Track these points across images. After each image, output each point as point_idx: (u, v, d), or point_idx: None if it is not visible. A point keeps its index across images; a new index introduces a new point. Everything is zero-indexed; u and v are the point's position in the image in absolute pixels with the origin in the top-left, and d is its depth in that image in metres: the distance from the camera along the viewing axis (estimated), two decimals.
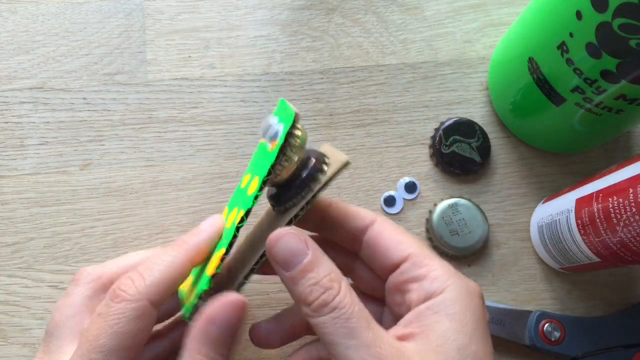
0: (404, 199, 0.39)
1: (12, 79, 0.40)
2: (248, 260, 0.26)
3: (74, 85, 0.40)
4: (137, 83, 0.40)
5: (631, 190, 0.28)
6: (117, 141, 0.39)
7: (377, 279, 0.28)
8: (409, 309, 0.25)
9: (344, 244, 0.29)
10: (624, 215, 0.28)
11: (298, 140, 0.25)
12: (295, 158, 0.25)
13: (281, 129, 0.25)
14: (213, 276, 0.25)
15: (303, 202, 0.25)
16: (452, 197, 0.38)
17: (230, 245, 0.25)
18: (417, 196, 0.39)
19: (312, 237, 0.25)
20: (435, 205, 0.37)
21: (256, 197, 0.25)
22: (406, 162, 0.39)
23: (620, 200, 0.29)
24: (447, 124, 0.39)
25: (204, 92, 0.40)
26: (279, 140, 0.24)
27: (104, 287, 0.28)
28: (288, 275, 0.23)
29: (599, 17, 0.26)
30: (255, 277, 0.37)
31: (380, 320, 0.27)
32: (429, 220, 0.38)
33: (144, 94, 0.40)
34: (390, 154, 0.40)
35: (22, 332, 0.36)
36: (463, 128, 0.39)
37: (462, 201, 0.37)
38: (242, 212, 0.25)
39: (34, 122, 0.40)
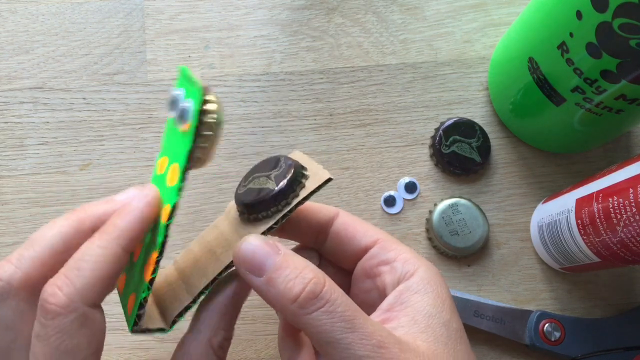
0: (404, 199, 0.39)
1: (12, 79, 0.40)
2: (209, 267, 0.24)
3: (74, 85, 0.40)
4: (137, 83, 0.40)
5: (631, 190, 0.28)
6: (117, 141, 0.39)
7: (341, 273, 0.28)
8: (382, 293, 0.25)
9: (306, 240, 0.28)
10: (624, 215, 0.28)
11: (214, 116, 0.22)
12: (214, 137, 0.22)
13: (191, 106, 0.21)
14: (151, 281, 0.22)
15: (279, 216, 0.24)
16: (452, 197, 0.38)
17: (163, 245, 0.22)
18: (417, 196, 0.39)
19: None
20: (435, 205, 0.37)
21: (180, 189, 0.22)
22: (406, 162, 0.39)
23: (621, 200, 0.29)
24: (447, 124, 0.39)
25: None
26: (192, 122, 0.21)
27: (38, 292, 0.22)
28: (263, 280, 0.21)
29: (599, 17, 0.26)
30: None
31: None
32: (429, 220, 0.38)
33: (144, 94, 0.40)
34: (390, 154, 0.40)
35: None
36: (463, 128, 0.39)
37: (462, 201, 0.37)
38: (168, 208, 0.22)
39: (33, 122, 0.40)
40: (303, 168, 0.26)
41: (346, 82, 0.41)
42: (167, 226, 0.22)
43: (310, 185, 0.25)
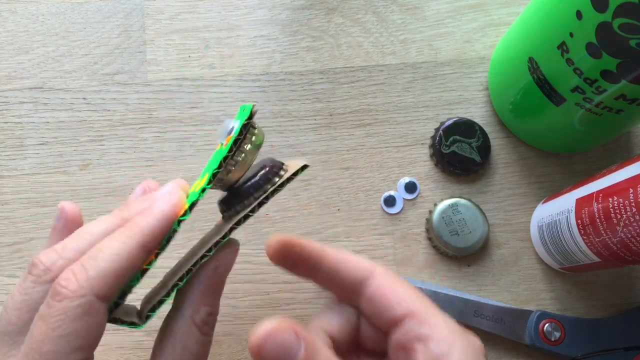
0: (404, 199, 0.39)
1: (12, 79, 0.40)
2: (186, 265, 0.24)
3: (74, 85, 0.40)
4: (137, 83, 0.40)
5: (631, 190, 0.28)
6: (117, 141, 0.39)
7: (380, 332, 0.26)
8: None
9: (342, 295, 0.26)
10: (624, 215, 0.28)
11: (254, 138, 0.23)
12: (250, 155, 0.23)
13: (237, 124, 0.23)
14: (144, 271, 0.22)
15: (255, 203, 0.24)
16: (452, 197, 0.38)
17: (168, 240, 0.23)
18: (417, 196, 0.39)
19: (308, 280, 0.24)
20: (435, 205, 0.37)
21: (204, 190, 0.23)
22: (406, 162, 0.39)
23: (621, 200, 0.29)
24: (447, 124, 0.39)
25: (204, 92, 0.40)
26: (234, 133, 0.23)
27: None
28: None
29: (599, 17, 0.26)
30: (255, 277, 0.38)
31: None
32: (429, 220, 0.38)
33: (143, 94, 0.40)
34: (390, 154, 0.40)
35: None
36: (463, 128, 0.39)
37: (462, 201, 0.37)
38: (185, 205, 0.23)
39: (33, 122, 0.40)
40: (282, 163, 0.25)
41: (346, 82, 0.41)
42: (178, 222, 0.22)
43: (286, 174, 0.24)
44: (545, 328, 0.35)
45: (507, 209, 0.39)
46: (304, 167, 0.25)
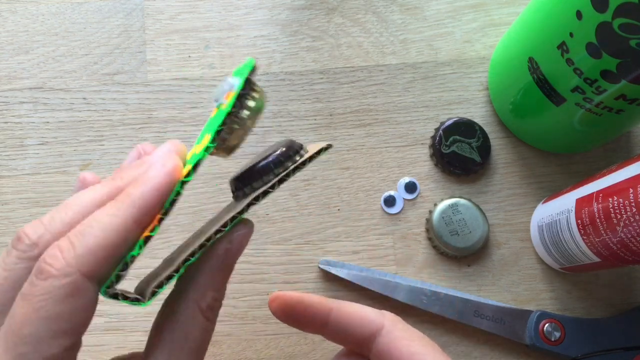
0: (404, 199, 0.39)
1: (12, 79, 0.40)
2: (196, 242, 0.22)
3: (74, 85, 0.40)
4: (137, 83, 0.40)
5: (631, 190, 0.28)
6: (117, 141, 0.39)
7: None
8: None
9: (352, 348, 0.26)
10: (624, 215, 0.28)
11: (255, 97, 0.22)
12: (253, 116, 0.22)
13: (238, 81, 0.22)
14: (147, 239, 0.20)
15: (275, 180, 0.22)
16: (452, 197, 0.38)
17: (172, 203, 0.21)
18: (417, 196, 0.39)
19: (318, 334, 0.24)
20: (435, 205, 0.37)
21: (207, 149, 0.21)
22: (406, 162, 0.39)
23: (621, 200, 0.29)
24: (447, 124, 0.39)
25: (204, 92, 0.40)
26: (236, 89, 0.21)
27: None
28: None
29: (599, 17, 0.26)
30: (255, 277, 0.38)
31: None
32: (429, 220, 0.38)
33: (143, 94, 0.40)
34: (390, 154, 0.40)
35: None
36: (463, 128, 0.39)
37: (462, 201, 0.37)
38: (189, 166, 0.21)
39: (34, 122, 0.40)
40: (301, 144, 0.24)
41: (346, 82, 0.41)
42: (182, 183, 0.20)
43: (307, 154, 0.23)
44: (545, 328, 0.35)
45: (507, 209, 0.39)
46: (328, 146, 0.23)
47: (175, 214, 0.38)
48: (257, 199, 0.22)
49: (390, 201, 0.39)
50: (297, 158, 0.23)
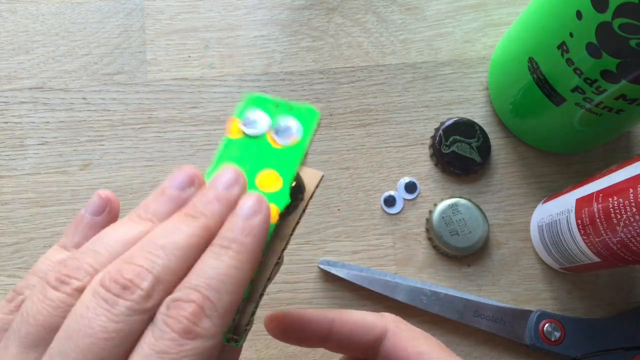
0: (404, 199, 0.39)
1: (12, 79, 0.40)
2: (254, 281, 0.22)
3: (74, 85, 0.40)
4: (137, 83, 0.40)
5: (631, 190, 0.28)
6: (117, 141, 0.39)
7: None
8: None
9: (355, 355, 0.25)
10: (624, 215, 0.28)
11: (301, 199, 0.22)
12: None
13: (297, 124, 0.21)
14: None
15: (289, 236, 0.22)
16: (452, 197, 0.38)
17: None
18: (417, 196, 0.39)
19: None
20: (435, 205, 0.37)
21: (286, 192, 0.21)
22: (406, 162, 0.39)
23: (620, 200, 0.29)
24: (447, 124, 0.39)
25: (204, 92, 0.40)
26: (303, 136, 0.20)
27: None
28: None
29: (599, 17, 0.26)
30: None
31: None
32: (429, 220, 0.38)
33: (144, 94, 0.40)
34: (390, 154, 0.40)
35: None
36: (463, 128, 0.39)
37: (462, 201, 0.37)
38: (278, 210, 0.20)
39: (34, 122, 0.40)
40: (299, 184, 0.24)
41: (346, 82, 0.41)
42: (275, 226, 0.20)
43: (306, 195, 0.23)
44: (545, 328, 0.35)
45: (507, 209, 0.39)
46: (321, 178, 0.23)
47: None
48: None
49: (390, 201, 0.39)
50: (299, 205, 0.23)
